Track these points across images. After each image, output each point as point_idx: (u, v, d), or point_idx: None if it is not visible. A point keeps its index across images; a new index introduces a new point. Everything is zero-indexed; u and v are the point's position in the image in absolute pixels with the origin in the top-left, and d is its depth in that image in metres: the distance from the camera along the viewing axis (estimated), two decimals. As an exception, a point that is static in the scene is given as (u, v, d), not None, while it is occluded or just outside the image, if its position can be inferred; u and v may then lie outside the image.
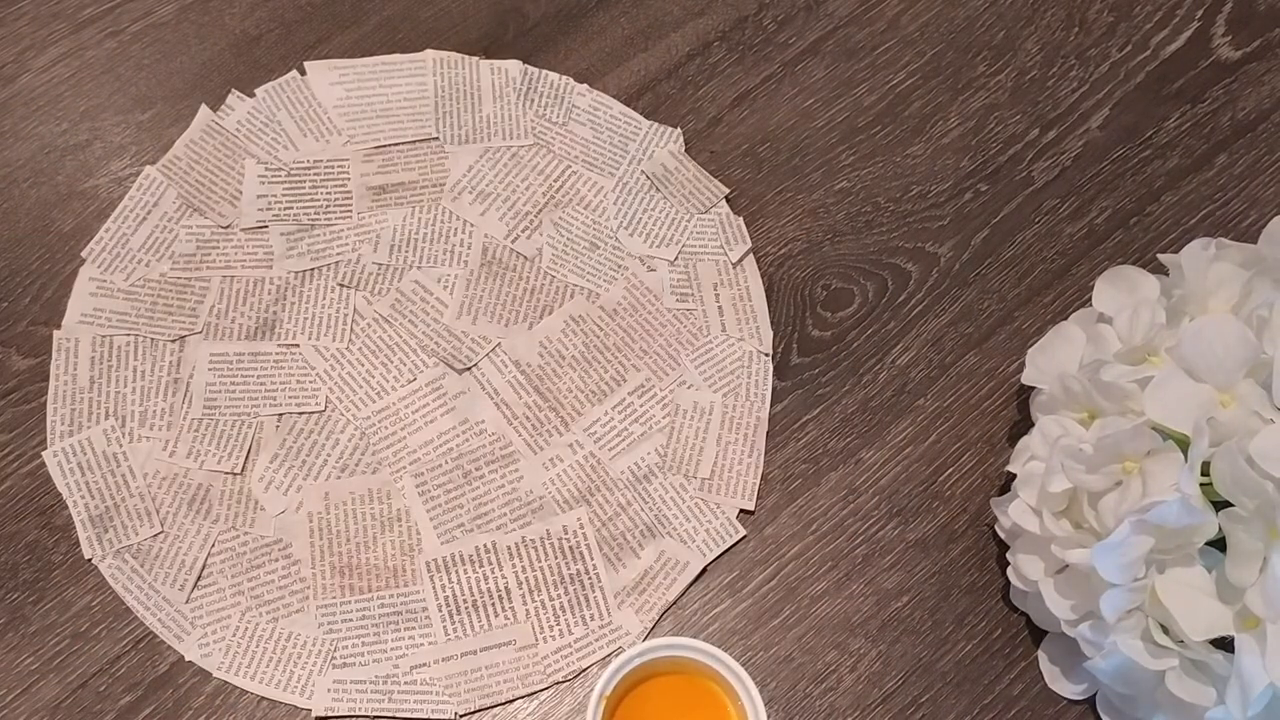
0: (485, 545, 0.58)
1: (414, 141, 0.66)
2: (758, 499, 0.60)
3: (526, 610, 0.57)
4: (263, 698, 0.55)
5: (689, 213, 0.65)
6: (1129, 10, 0.71)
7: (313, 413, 0.60)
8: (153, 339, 0.61)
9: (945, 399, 0.62)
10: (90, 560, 0.57)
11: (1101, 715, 0.55)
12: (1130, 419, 0.49)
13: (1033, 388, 0.57)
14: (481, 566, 0.57)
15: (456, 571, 0.57)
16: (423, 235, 0.64)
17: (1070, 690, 0.56)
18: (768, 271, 0.64)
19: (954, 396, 0.62)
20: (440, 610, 0.57)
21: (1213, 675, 0.49)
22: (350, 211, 0.64)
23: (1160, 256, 0.57)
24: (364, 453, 0.59)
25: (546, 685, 0.56)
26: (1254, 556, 0.46)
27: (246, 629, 0.56)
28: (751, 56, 0.69)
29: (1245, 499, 0.46)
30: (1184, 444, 0.47)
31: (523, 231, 0.64)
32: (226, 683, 0.55)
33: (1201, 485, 0.47)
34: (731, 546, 0.59)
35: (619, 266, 0.64)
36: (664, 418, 0.61)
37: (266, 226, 0.64)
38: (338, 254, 0.63)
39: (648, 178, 0.66)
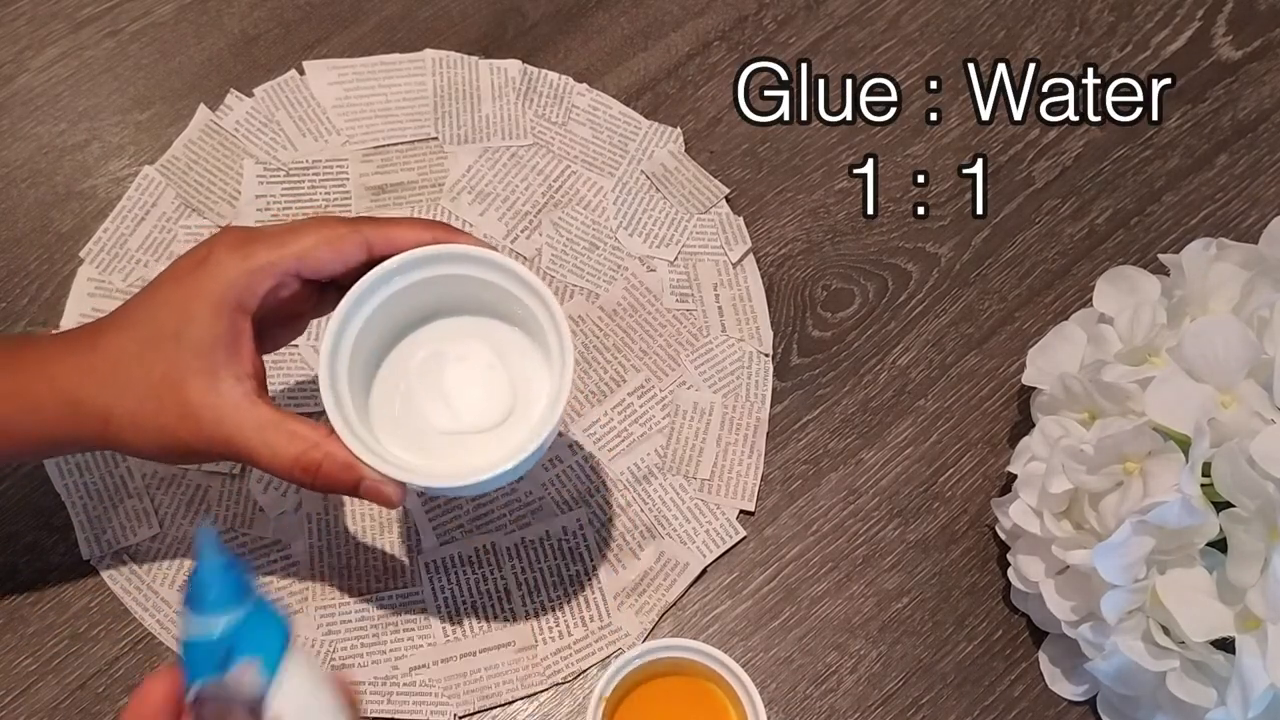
0: (484, 546, 0.58)
1: (413, 141, 0.66)
2: (758, 500, 0.60)
3: (526, 611, 0.57)
4: (261, 699, 0.55)
5: (689, 213, 0.65)
6: (1129, 10, 0.71)
7: (311, 413, 0.60)
8: (151, 339, 0.61)
9: (946, 399, 0.62)
10: (89, 561, 0.57)
11: (1102, 716, 0.55)
12: (1131, 419, 0.49)
13: (1033, 388, 0.57)
14: (481, 567, 0.57)
15: (456, 572, 0.57)
16: (422, 235, 0.64)
17: (1071, 691, 0.56)
18: (768, 272, 0.64)
19: (954, 397, 0.62)
20: (439, 611, 0.57)
21: (1214, 676, 0.49)
22: (349, 212, 0.64)
23: (1161, 257, 0.57)
24: (363, 453, 0.59)
25: (546, 687, 0.56)
26: (1255, 557, 0.46)
27: (245, 630, 0.56)
28: (751, 56, 0.69)
29: (1246, 500, 0.46)
30: (1185, 444, 0.47)
31: (522, 232, 0.64)
32: (225, 684, 0.55)
33: (1202, 486, 0.47)
34: (731, 547, 0.59)
35: (618, 267, 0.64)
36: (664, 418, 0.61)
37: (265, 227, 0.63)
38: (337, 254, 0.63)
39: (647, 178, 0.66)
